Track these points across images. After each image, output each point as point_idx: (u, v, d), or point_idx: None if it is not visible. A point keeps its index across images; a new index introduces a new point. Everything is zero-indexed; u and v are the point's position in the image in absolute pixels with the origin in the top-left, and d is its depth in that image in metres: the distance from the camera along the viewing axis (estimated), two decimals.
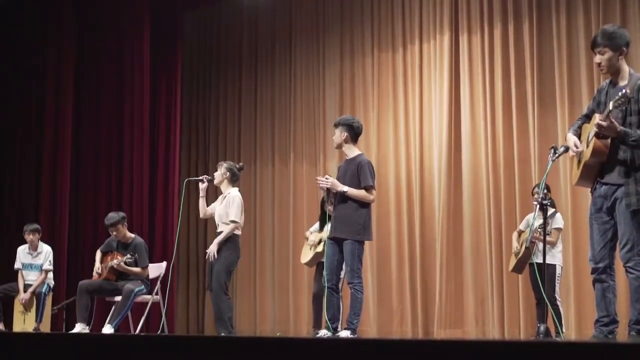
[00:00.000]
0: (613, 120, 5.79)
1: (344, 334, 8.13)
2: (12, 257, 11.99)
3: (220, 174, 9.67)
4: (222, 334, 9.12)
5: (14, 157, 14.77)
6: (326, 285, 8.45)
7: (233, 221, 9.39)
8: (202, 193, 9.80)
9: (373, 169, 8.47)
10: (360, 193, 8.27)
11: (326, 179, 8.46)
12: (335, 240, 8.38)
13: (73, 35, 14.42)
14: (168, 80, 14.50)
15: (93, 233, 13.70)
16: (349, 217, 8.26)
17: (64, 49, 14.30)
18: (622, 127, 5.83)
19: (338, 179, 8.43)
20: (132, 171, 14.04)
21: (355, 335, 8.13)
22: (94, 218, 13.88)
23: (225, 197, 9.58)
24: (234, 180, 9.71)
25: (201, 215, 9.92)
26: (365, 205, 8.34)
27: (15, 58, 14.68)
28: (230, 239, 9.44)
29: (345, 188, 8.25)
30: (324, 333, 8.33)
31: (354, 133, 8.51)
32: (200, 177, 9.94)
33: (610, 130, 5.82)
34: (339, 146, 8.56)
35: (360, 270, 8.27)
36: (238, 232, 9.51)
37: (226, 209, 9.46)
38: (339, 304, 8.49)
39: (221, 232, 9.43)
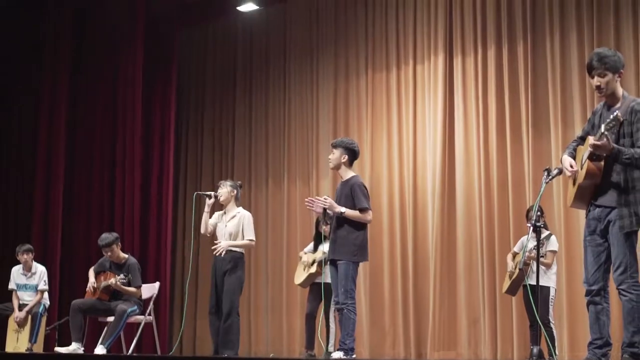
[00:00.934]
0: (608, 138, 5.80)
1: (337, 355, 8.11)
2: (5, 278, 11.97)
3: (227, 192, 9.67)
4: (226, 355, 9.11)
5: (7, 177, 14.75)
6: (336, 307, 8.47)
7: (251, 240, 9.54)
8: (207, 209, 9.75)
9: (366, 189, 8.48)
10: (356, 214, 8.29)
11: (324, 199, 8.47)
12: (333, 263, 8.39)
13: (69, 52, 14.40)
14: (162, 99, 14.52)
15: (85, 253, 13.66)
16: (345, 239, 8.28)
17: (59, 66, 14.28)
18: (615, 145, 5.84)
19: (336, 201, 8.45)
20: (124, 191, 14.03)
21: (352, 356, 8.12)
22: (86, 238, 13.84)
23: (234, 216, 9.61)
24: (237, 198, 9.74)
25: (202, 231, 9.84)
26: (362, 226, 8.36)
27: (8, 78, 14.69)
28: (242, 259, 9.54)
29: (342, 209, 8.27)
30: (338, 355, 8.28)
31: (353, 157, 8.58)
32: (209, 193, 9.90)
33: (604, 149, 5.83)
34: (337, 167, 8.57)
35: (353, 292, 8.26)
36: (244, 250, 9.61)
37: (238, 227, 9.53)
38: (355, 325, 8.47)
39: (229, 250, 9.47)
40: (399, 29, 12.96)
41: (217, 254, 9.45)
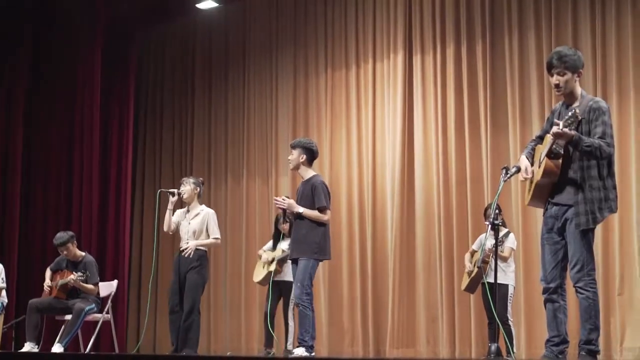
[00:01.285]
0: (566, 127, 5.81)
1: (299, 351, 8.10)
2: None
3: (190, 189, 9.57)
4: (185, 353, 9.05)
5: None
6: (296, 303, 8.46)
7: (217, 238, 9.46)
8: (170, 206, 9.63)
9: (327, 189, 8.49)
10: (314, 214, 8.30)
11: (283, 200, 8.48)
12: (295, 262, 8.39)
13: (26, 53, 14.26)
14: (120, 99, 14.48)
15: (43, 251, 13.54)
16: (305, 237, 8.28)
17: (17, 65, 14.15)
18: (576, 132, 5.85)
19: (297, 200, 8.46)
20: (82, 189, 13.93)
21: (311, 354, 8.11)
22: (43, 236, 13.72)
23: (198, 213, 9.51)
24: (200, 196, 9.69)
25: (165, 229, 9.70)
26: (321, 225, 8.36)
27: None
28: (206, 257, 9.46)
29: (300, 209, 8.29)
30: (301, 352, 8.26)
31: (311, 157, 8.58)
32: (173, 190, 9.81)
33: (565, 136, 5.84)
34: (296, 167, 8.57)
35: (310, 287, 8.25)
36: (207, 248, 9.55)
37: (202, 225, 9.43)
38: (313, 321, 8.44)
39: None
40: (359, 27, 12.97)
41: (185, 255, 9.38)
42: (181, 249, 9.46)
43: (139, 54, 15.03)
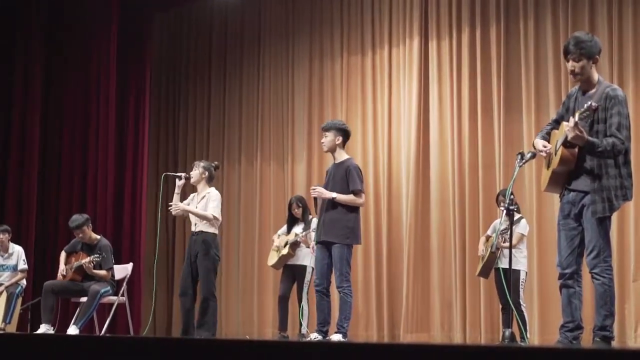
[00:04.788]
0: (582, 129, 5.82)
1: (336, 337, 8.15)
2: None
3: (198, 173, 9.59)
4: (201, 337, 9.06)
5: None
6: (316, 288, 8.46)
7: (213, 215, 9.36)
8: (177, 190, 9.66)
9: (361, 172, 8.51)
10: (348, 198, 8.30)
11: (313, 189, 8.49)
12: (324, 244, 8.38)
13: (42, 35, 14.28)
14: (136, 80, 14.45)
15: (58, 234, 13.59)
16: (337, 221, 8.28)
17: (32, 48, 14.16)
18: (589, 138, 5.87)
19: (327, 182, 8.50)
20: (98, 172, 13.93)
21: (346, 339, 8.16)
22: (59, 219, 13.76)
23: (204, 196, 9.52)
24: (210, 179, 9.68)
25: (174, 213, 9.82)
26: (354, 209, 8.37)
27: None
28: (215, 240, 9.45)
29: (333, 194, 8.28)
30: (314, 336, 8.32)
31: (346, 138, 8.60)
32: (179, 174, 9.82)
33: (578, 140, 5.86)
34: (331, 150, 8.54)
35: (349, 274, 8.31)
36: (216, 230, 9.50)
37: (205, 207, 9.43)
38: (329, 308, 8.48)
39: (200, 230, 9.39)
40: (375, 12, 12.95)
41: (172, 212, 9.44)
42: (192, 231, 9.52)
43: (155, 36, 15.02)
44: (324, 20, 13.53)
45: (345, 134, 8.56)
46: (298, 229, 10.49)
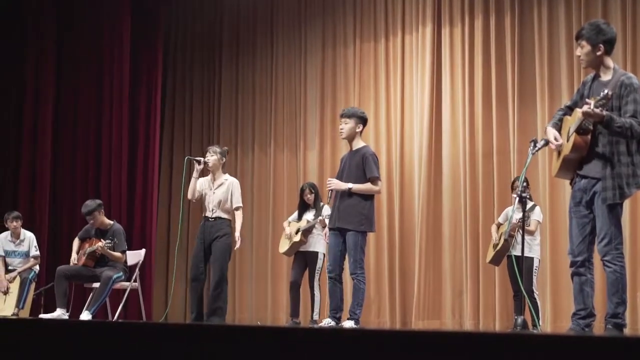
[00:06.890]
0: (595, 111, 5.79)
1: (348, 324, 8.16)
2: None
3: (216, 159, 9.61)
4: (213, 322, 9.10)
5: None
6: (329, 275, 8.44)
7: (239, 207, 9.60)
8: (195, 174, 9.67)
9: (377, 160, 8.48)
10: (365, 187, 8.27)
11: (329, 182, 8.46)
12: (339, 231, 8.35)
13: (54, 19, 14.30)
14: (149, 67, 14.47)
15: (72, 220, 13.63)
16: (353, 208, 8.24)
17: (45, 34, 14.19)
18: (607, 112, 5.83)
19: (342, 170, 8.45)
20: (111, 158, 13.99)
21: (358, 326, 8.17)
22: (72, 204, 13.79)
23: (222, 183, 9.59)
24: (224, 165, 9.73)
25: (189, 196, 9.73)
26: (369, 197, 8.33)
27: None
28: (230, 226, 9.55)
29: (349, 185, 8.26)
30: (327, 322, 8.34)
31: (365, 126, 8.56)
32: (199, 158, 9.83)
33: (596, 117, 5.82)
34: (350, 137, 8.48)
35: (362, 261, 8.29)
36: (231, 217, 9.61)
37: (227, 194, 9.53)
38: (341, 294, 8.49)
39: (217, 216, 9.48)
40: None
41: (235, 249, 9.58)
42: (206, 216, 9.55)
43: (167, 22, 15.02)
44: (337, 8, 13.51)
45: (365, 122, 8.56)
46: (309, 215, 10.50)
